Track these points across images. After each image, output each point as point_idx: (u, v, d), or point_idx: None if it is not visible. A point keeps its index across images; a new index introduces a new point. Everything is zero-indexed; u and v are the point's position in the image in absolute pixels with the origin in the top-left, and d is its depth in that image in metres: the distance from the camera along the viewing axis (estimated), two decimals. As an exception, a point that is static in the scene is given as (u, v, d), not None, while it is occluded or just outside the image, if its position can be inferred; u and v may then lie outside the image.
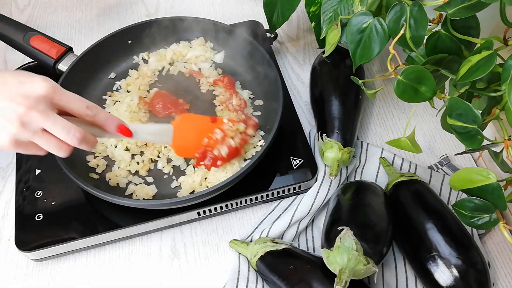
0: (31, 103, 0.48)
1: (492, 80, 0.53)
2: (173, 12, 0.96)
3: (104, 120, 0.54)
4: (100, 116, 0.54)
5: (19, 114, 0.48)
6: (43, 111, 0.49)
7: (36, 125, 0.49)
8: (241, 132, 0.67)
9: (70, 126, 0.50)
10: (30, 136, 0.50)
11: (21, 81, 0.49)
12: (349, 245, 0.54)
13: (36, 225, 0.65)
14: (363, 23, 0.60)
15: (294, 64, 0.87)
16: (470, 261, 0.56)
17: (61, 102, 0.51)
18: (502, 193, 0.49)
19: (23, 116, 0.48)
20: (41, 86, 0.49)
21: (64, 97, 0.51)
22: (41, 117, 0.49)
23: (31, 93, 0.49)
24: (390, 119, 0.79)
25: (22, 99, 0.48)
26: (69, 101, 0.51)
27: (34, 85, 0.49)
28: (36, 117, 0.49)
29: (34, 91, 0.49)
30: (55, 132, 0.50)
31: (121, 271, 0.66)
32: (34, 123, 0.49)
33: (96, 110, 0.53)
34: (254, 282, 0.62)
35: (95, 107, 0.54)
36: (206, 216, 0.69)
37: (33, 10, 0.98)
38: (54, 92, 0.50)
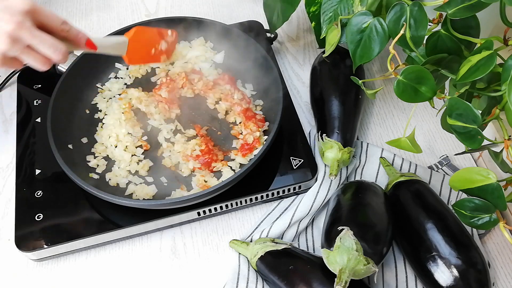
0: (19, 19, 0.50)
1: (492, 80, 0.53)
2: (173, 12, 0.96)
3: (76, 35, 0.56)
4: (73, 31, 0.56)
5: (9, 31, 0.49)
6: (30, 29, 0.51)
7: (25, 42, 0.51)
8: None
9: (57, 43, 0.53)
10: (19, 53, 0.51)
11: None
12: (349, 245, 0.54)
13: (36, 225, 0.65)
14: (363, 23, 0.60)
15: (294, 64, 0.87)
16: (470, 261, 0.56)
17: (41, 17, 0.52)
18: (502, 193, 0.49)
19: (13, 33, 0.50)
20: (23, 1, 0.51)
21: (43, 12, 0.53)
22: (29, 35, 0.50)
23: (15, 8, 0.50)
24: (390, 119, 0.79)
25: (9, 15, 0.49)
26: (47, 17, 0.53)
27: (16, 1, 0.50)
28: (25, 34, 0.50)
29: (18, 6, 0.50)
30: (43, 49, 0.52)
31: (121, 271, 0.66)
32: (23, 40, 0.50)
33: (69, 25, 0.56)
34: (254, 282, 0.62)
35: (68, 23, 0.56)
36: (206, 216, 0.69)
37: (33, 10, 0.98)
38: (35, 8, 0.52)
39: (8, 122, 0.80)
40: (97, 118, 0.75)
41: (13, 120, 0.79)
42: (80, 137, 0.72)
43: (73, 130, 0.72)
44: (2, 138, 0.78)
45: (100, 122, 0.75)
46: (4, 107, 0.82)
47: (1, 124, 0.80)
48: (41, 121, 0.75)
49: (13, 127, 0.77)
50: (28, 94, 0.79)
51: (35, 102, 0.78)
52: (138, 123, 0.74)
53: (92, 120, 0.75)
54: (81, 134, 0.72)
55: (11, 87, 0.84)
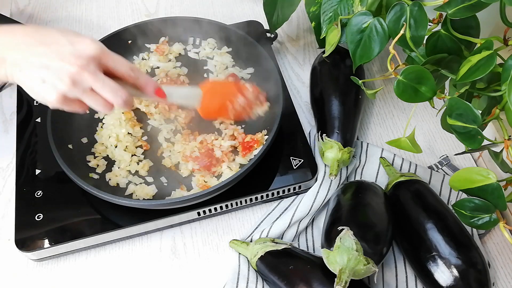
0: (83, 63, 0.51)
1: (492, 80, 0.53)
2: (173, 12, 0.96)
3: (145, 83, 0.57)
4: (142, 79, 0.57)
5: (72, 73, 0.50)
6: (93, 72, 0.52)
7: (86, 85, 0.52)
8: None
9: (118, 88, 0.53)
10: (80, 94, 0.52)
11: (72, 42, 0.52)
12: (349, 245, 0.54)
13: (36, 225, 0.65)
14: (363, 23, 0.60)
15: (294, 64, 0.87)
16: (470, 261, 0.56)
17: (108, 63, 0.54)
18: (502, 193, 0.49)
19: (75, 75, 0.51)
20: (91, 46, 0.52)
21: (111, 58, 0.54)
22: (91, 78, 0.51)
23: (82, 53, 0.51)
24: (390, 119, 0.79)
25: (74, 58, 0.51)
26: (115, 62, 0.54)
27: (84, 46, 0.52)
28: (87, 77, 0.51)
29: (85, 51, 0.51)
30: (104, 92, 0.53)
31: (121, 271, 0.66)
32: (85, 82, 0.52)
33: (138, 73, 0.56)
34: (254, 282, 0.62)
35: (138, 70, 0.57)
36: (206, 216, 0.69)
37: (33, 10, 0.98)
38: (103, 53, 0.53)
39: (8, 122, 0.80)
40: (97, 118, 0.75)
41: (13, 120, 0.79)
42: (80, 137, 0.72)
43: (73, 130, 0.72)
44: (2, 138, 0.78)
45: (100, 122, 0.75)
46: (4, 107, 0.82)
47: (1, 124, 0.80)
48: (41, 121, 0.75)
49: (13, 127, 0.77)
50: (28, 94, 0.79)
51: (35, 102, 0.78)
52: (138, 123, 0.74)
53: (92, 120, 0.75)
54: (81, 134, 0.72)
55: (11, 87, 0.84)
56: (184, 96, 0.65)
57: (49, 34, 0.52)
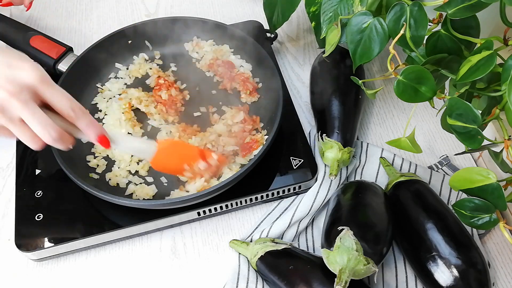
0: (15, 89, 0.47)
1: (492, 80, 0.53)
2: (173, 12, 0.96)
3: (86, 126, 0.52)
4: (82, 121, 0.52)
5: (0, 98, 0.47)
6: (24, 101, 0.47)
7: (14, 113, 0.48)
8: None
9: (47, 123, 0.48)
10: (5, 122, 0.48)
11: (11, 65, 0.48)
12: (349, 245, 0.54)
13: (36, 225, 0.65)
14: (363, 23, 0.60)
15: (294, 64, 0.87)
16: (470, 261, 0.56)
17: (45, 95, 0.49)
18: (502, 193, 0.49)
19: (3, 101, 0.47)
20: (29, 74, 0.48)
21: (49, 90, 0.49)
22: (20, 106, 0.47)
23: (18, 79, 0.47)
24: (390, 119, 0.79)
25: (6, 83, 0.47)
26: (53, 97, 0.49)
27: (22, 72, 0.48)
28: (16, 105, 0.47)
29: (21, 78, 0.47)
30: (31, 125, 0.48)
31: (121, 271, 0.66)
32: (13, 111, 0.47)
33: (79, 114, 0.51)
34: (254, 282, 0.62)
35: (80, 110, 0.51)
36: (206, 216, 0.69)
37: (33, 10, 0.98)
38: (42, 83, 0.48)
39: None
40: (97, 118, 0.75)
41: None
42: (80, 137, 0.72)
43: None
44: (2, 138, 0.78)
45: (100, 122, 0.75)
46: (4, 107, 0.82)
47: (1, 124, 0.80)
48: (41, 121, 0.75)
49: (13, 127, 0.77)
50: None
51: (35, 102, 0.78)
52: (138, 123, 0.74)
53: (92, 120, 0.75)
54: (81, 134, 0.72)
55: (11, 87, 0.84)
56: (135, 148, 0.61)
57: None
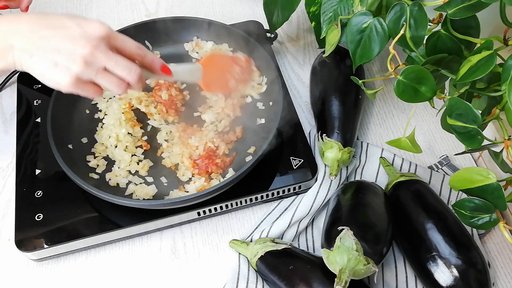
0: (94, 43, 0.51)
1: (492, 80, 0.53)
2: (173, 12, 0.96)
3: (152, 60, 0.57)
4: (149, 56, 0.57)
5: (84, 54, 0.50)
6: (105, 51, 0.52)
7: (100, 64, 0.52)
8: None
9: (130, 65, 0.53)
10: (93, 75, 0.52)
11: (80, 24, 0.51)
12: (349, 245, 0.54)
13: (36, 225, 0.65)
14: (363, 23, 0.60)
15: (294, 64, 0.87)
16: (470, 261, 0.56)
17: (117, 42, 0.54)
18: (502, 193, 0.49)
19: (88, 56, 0.51)
20: (100, 27, 0.52)
21: (119, 37, 0.54)
22: (104, 57, 0.52)
23: (92, 34, 0.51)
24: (390, 119, 0.79)
25: (85, 40, 0.51)
26: (123, 42, 0.54)
27: (93, 27, 0.52)
28: (100, 56, 0.51)
29: (95, 32, 0.51)
30: (118, 70, 0.53)
31: (121, 271, 0.66)
32: (98, 62, 0.51)
33: (145, 51, 0.56)
34: (254, 282, 0.62)
35: (144, 48, 0.57)
36: (206, 216, 0.69)
37: (33, 10, 0.98)
38: (111, 33, 0.53)
39: (8, 122, 0.80)
40: (97, 118, 0.75)
41: (13, 120, 0.79)
42: (80, 137, 0.72)
43: (73, 130, 0.72)
44: (2, 138, 0.78)
45: (100, 122, 0.75)
46: (4, 107, 0.82)
47: (1, 124, 0.80)
48: (41, 121, 0.75)
49: (13, 127, 0.77)
50: (28, 94, 0.79)
51: (35, 102, 0.78)
52: (138, 123, 0.74)
53: (92, 120, 0.75)
54: (81, 134, 0.72)
55: (11, 87, 0.84)
56: (187, 72, 0.66)
57: (55, 19, 0.52)
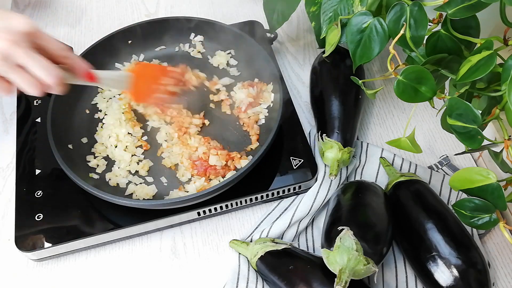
0: (15, 38, 0.48)
1: (492, 80, 0.53)
2: (173, 12, 0.96)
3: (76, 64, 0.55)
4: (73, 59, 0.54)
5: (1, 48, 0.48)
6: (25, 48, 0.49)
7: (16, 60, 0.49)
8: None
9: (49, 66, 0.50)
10: (7, 70, 0.49)
11: (5, 17, 0.49)
12: (349, 245, 0.54)
13: (36, 225, 0.65)
14: (363, 23, 0.60)
15: (294, 64, 0.87)
16: (470, 261, 0.56)
17: (41, 41, 0.51)
18: (502, 193, 0.49)
19: (5, 50, 0.48)
20: (24, 23, 0.49)
21: (44, 36, 0.52)
22: (22, 53, 0.49)
23: (15, 28, 0.49)
24: (390, 119, 0.79)
25: (5, 33, 0.48)
26: (48, 41, 0.52)
27: (16, 22, 0.49)
28: (18, 52, 0.48)
29: (18, 27, 0.49)
30: (36, 69, 0.50)
31: (121, 271, 0.66)
32: (15, 58, 0.48)
33: (70, 53, 0.54)
34: (254, 282, 0.62)
35: (69, 50, 0.54)
36: (206, 216, 0.69)
37: (33, 10, 0.98)
38: (36, 30, 0.51)
39: (8, 122, 0.80)
40: (97, 118, 0.75)
41: (13, 120, 0.79)
42: (80, 137, 0.72)
43: (73, 130, 0.72)
44: (2, 138, 0.78)
45: (100, 122, 0.75)
46: (4, 107, 0.82)
47: (1, 124, 0.80)
48: (41, 121, 0.75)
49: (13, 127, 0.77)
50: (28, 94, 0.79)
51: (35, 102, 0.78)
52: (138, 123, 0.74)
53: (92, 120, 0.75)
54: (81, 134, 0.72)
55: (11, 87, 0.84)
56: (115, 79, 0.64)
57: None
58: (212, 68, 0.81)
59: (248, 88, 0.75)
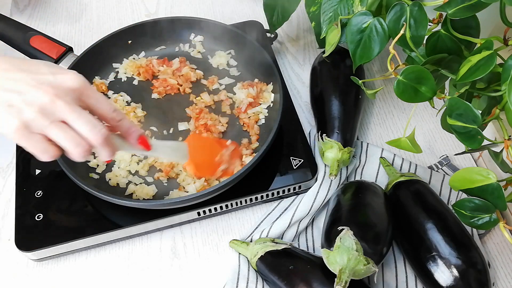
0: (59, 93, 0.45)
1: (492, 80, 0.53)
2: (173, 12, 0.96)
3: (128, 128, 0.51)
4: (125, 122, 0.51)
5: (42, 101, 0.44)
6: (70, 103, 0.46)
7: (58, 115, 0.45)
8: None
9: (96, 123, 0.47)
10: (46, 126, 0.45)
11: (54, 72, 0.47)
12: (349, 245, 0.54)
13: (36, 225, 0.65)
14: (363, 23, 0.60)
15: (294, 64, 0.87)
16: (470, 261, 0.56)
17: (90, 99, 0.48)
18: (502, 193, 0.49)
19: (47, 104, 0.45)
20: (73, 79, 0.47)
21: (93, 95, 0.48)
22: (66, 108, 0.45)
23: (62, 84, 0.46)
24: (390, 119, 0.79)
25: (51, 88, 0.45)
26: (97, 100, 0.49)
27: (66, 77, 0.47)
28: (61, 106, 0.45)
29: (66, 82, 0.46)
30: (79, 125, 0.46)
31: (121, 271, 0.66)
32: (57, 112, 0.45)
33: (122, 115, 0.50)
34: (254, 282, 0.62)
35: (122, 113, 0.51)
36: (206, 216, 0.69)
37: (33, 10, 0.98)
38: (85, 88, 0.47)
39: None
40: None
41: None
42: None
43: (73, 130, 0.72)
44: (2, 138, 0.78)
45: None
46: (4, 107, 0.82)
47: (1, 124, 0.80)
48: (41, 121, 0.75)
49: (13, 127, 0.77)
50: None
51: (35, 102, 0.77)
52: (138, 124, 0.74)
53: (92, 120, 0.75)
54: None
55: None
56: (170, 148, 0.60)
57: (31, 63, 0.47)
58: (212, 68, 0.81)
59: (248, 88, 0.75)
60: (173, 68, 0.79)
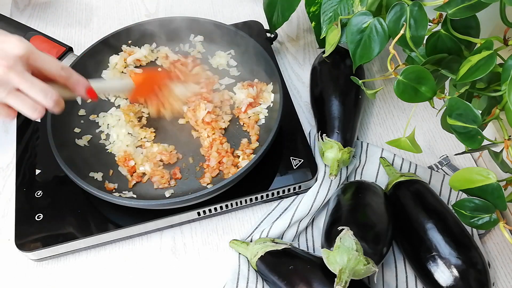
0: (9, 63, 0.48)
1: (492, 80, 0.53)
2: (173, 12, 0.96)
3: (76, 82, 0.55)
4: (73, 78, 0.54)
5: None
6: (21, 72, 0.49)
7: (12, 85, 0.49)
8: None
9: (47, 88, 0.50)
10: (4, 97, 0.49)
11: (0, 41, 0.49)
12: (349, 245, 0.54)
13: (36, 225, 0.65)
14: (363, 23, 0.60)
15: (294, 64, 0.87)
16: (470, 261, 0.56)
17: (37, 62, 0.51)
18: (502, 193, 0.49)
19: (2, 76, 0.48)
20: (18, 46, 0.49)
21: (39, 57, 0.51)
22: (19, 78, 0.49)
23: (9, 52, 0.49)
24: (390, 119, 0.79)
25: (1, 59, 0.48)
26: (44, 62, 0.52)
27: (11, 45, 0.49)
28: (14, 77, 0.48)
29: (12, 50, 0.49)
30: (33, 93, 0.50)
31: (121, 271, 0.66)
32: (12, 83, 0.49)
33: (69, 71, 0.54)
34: (254, 282, 0.62)
35: (68, 69, 0.54)
36: (206, 216, 0.69)
37: (33, 10, 0.98)
38: (31, 52, 0.50)
39: (8, 122, 0.80)
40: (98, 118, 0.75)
41: (13, 120, 0.79)
42: (81, 137, 0.72)
43: (73, 130, 0.72)
44: (2, 138, 0.78)
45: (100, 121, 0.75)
46: (4, 107, 0.82)
47: (1, 124, 0.80)
48: (41, 120, 0.75)
49: (13, 127, 0.77)
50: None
51: (35, 102, 0.78)
52: (138, 123, 0.74)
53: (92, 120, 0.75)
54: (81, 133, 0.72)
55: (11, 87, 0.84)
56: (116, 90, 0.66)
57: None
58: (212, 68, 0.81)
59: (248, 88, 0.75)
60: (189, 69, 0.78)
